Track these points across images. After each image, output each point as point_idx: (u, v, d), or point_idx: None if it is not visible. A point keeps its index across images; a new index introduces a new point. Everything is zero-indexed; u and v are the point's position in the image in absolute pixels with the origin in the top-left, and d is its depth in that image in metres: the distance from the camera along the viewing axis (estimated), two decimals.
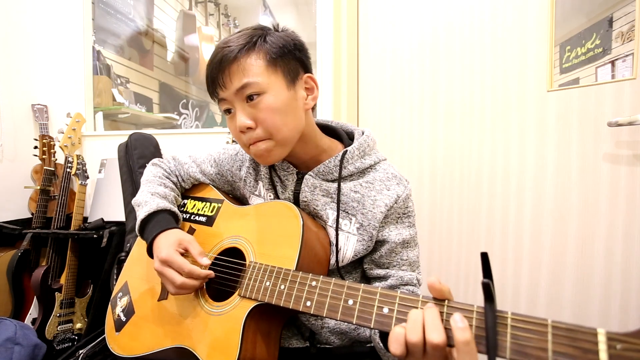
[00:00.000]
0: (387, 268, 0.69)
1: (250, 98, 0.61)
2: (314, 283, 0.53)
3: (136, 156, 1.31)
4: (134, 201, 0.77)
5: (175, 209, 0.76)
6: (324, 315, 0.50)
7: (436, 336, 0.40)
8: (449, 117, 1.31)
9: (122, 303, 0.78)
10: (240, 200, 0.84)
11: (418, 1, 1.37)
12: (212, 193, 0.82)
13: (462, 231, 1.30)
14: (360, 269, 0.73)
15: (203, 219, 0.78)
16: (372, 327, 0.46)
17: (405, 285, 0.68)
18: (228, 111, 0.65)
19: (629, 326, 1.00)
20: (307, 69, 0.67)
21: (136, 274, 0.80)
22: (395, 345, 0.42)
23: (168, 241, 0.67)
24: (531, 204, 1.15)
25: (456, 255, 1.31)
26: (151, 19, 1.84)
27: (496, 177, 1.22)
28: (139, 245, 0.84)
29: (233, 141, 1.51)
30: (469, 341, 0.39)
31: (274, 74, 0.61)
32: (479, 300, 1.25)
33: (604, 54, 1.03)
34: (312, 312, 0.51)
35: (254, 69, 0.60)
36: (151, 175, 0.82)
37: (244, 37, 0.62)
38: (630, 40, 0.98)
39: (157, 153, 1.48)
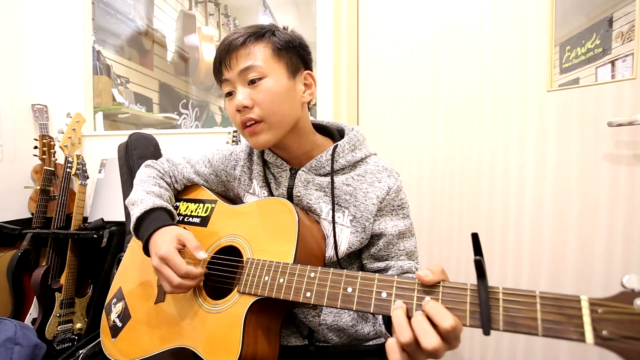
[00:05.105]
0: (386, 260, 0.70)
1: (252, 82, 0.65)
2: (312, 274, 0.54)
3: (136, 156, 1.31)
4: (128, 200, 0.77)
5: (172, 208, 0.77)
6: (324, 305, 0.51)
7: (430, 340, 0.40)
8: (449, 117, 1.31)
9: (117, 309, 0.77)
10: (234, 200, 0.84)
11: (418, 1, 1.37)
12: (205, 194, 0.81)
13: (462, 231, 1.30)
14: (357, 262, 0.74)
15: (197, 220, 0.77)
16: (372, 311, 0.47)
17: (405, 273, 0.69)
18: (229, 94, 0.68)
19: None
20: (307, 66, 0.72)
21: (130, 278, 0.80)
22: (394, 355, 0.43)
23: (166, 238, 0.66)
24: (531, 203, 1.15)
25: (456, 255, 1.31)
26: (151, 19, 1.84)
27: (496, 177, 1.22)
28: (131, 250, 0.84)
29: (233, 141, 1.50)
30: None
31: (277, 63, 0.66)
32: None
33: (604, 54, 1.03)
34: (312, 302, 0.52)
35: (260, 55, 0.65)
36: (145, 175, 0.82)
37: (254, 28, 0.68)
38: (630, 40, 0.98)
39: (157, 153, 1.48)
